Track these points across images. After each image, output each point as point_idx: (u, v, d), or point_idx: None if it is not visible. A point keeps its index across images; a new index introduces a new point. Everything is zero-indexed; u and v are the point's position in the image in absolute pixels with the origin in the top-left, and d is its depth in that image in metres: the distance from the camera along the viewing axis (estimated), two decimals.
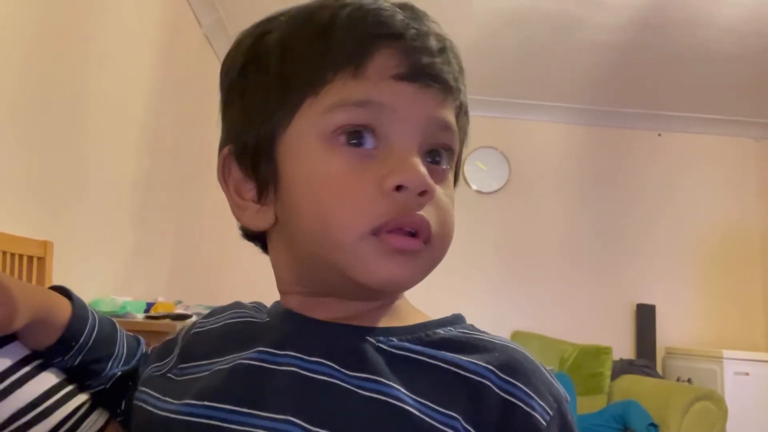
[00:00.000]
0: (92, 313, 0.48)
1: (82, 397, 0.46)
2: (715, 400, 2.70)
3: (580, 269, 3.53)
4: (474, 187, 3.63)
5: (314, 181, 0.40)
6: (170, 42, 2.72)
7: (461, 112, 0.45)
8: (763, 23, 2.71)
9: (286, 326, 0.43)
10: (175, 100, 2.84)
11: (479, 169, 3.61)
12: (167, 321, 1.81)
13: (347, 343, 0.40)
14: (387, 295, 0.43)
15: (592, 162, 3.76)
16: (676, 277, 3.60)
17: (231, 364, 0.42)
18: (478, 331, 0.42)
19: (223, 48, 3.33)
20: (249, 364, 0.41)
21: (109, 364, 0.48)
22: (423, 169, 0.39)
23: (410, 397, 0.36)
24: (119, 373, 0.49)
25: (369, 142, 0.40)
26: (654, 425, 2.65)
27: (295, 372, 0.39)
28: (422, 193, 0.39)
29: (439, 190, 0.41)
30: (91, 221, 1.94)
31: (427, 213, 0.40)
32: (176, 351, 0.49)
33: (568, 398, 0.39)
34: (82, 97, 1.87)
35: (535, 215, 3.63)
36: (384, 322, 0.42)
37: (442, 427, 0.35)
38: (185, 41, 2.97)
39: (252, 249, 0.49)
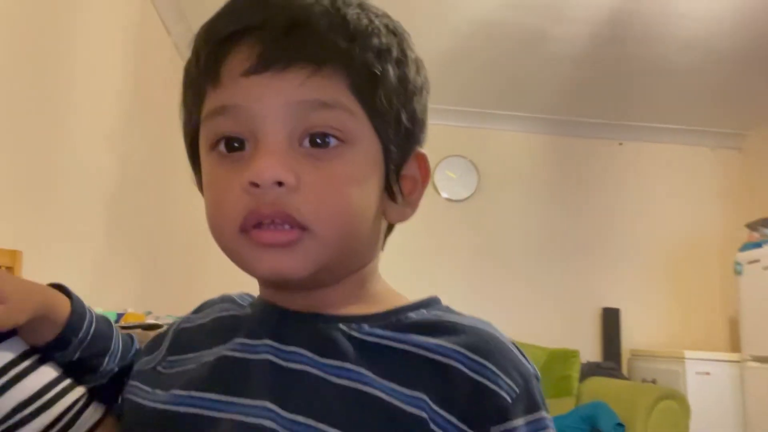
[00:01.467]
0: (89, 310, 0.49)
1: (80, 391, 0.47)
2: (678, 399, 2.79)
3: (548, 275, 3.61)
4: (444, 195, 3.69)
5: (205, 187, 0.44)
6: (139, 51, 2.70)
7: (365, 73, 0.41)
8: (716, 39, 2.84)
9: (263, 317, 0.45)
10: (145, 109, 2.82)
11: (449, 178, 3.67)
12: (139, 330, 1.79)
13: (320, 332, 0.42)
14: (311, 283, 0.43)
15: (557, 170, 3.86)
16: (639, 281, 3.71)
17: (215, 356, 0.44)
18: (452, 312, 0.44)
19: None
20: (230, 355, 0.43)
21: (106, 360, 0.50)
22: (266, 162, 0.39)
23: (379, 382, 0.38)
24: (116, 368, 0.51)
25: (244, 145, 0.41)
26: (621, 425, 2.72)
27: (271, 361, 0.41)
28: (279, 184, 0.39)
29: (319, 172, 0.40)
30: (61, 231, 1.91)
31: (295, 199, 0.39)
32: (165, 345, 0.50)
33: (538, 376, 0.41)
34: (52, 105, 1.85)
35: (504, 222, 3.70)
36: (357, 309, 0.44)
37: (409, 408, 0.37)
38: (155, 50, 2.95)
39: (220, 259, 0.50)
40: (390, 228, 0.50)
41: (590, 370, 3.30)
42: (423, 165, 0.47)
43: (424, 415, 0.37)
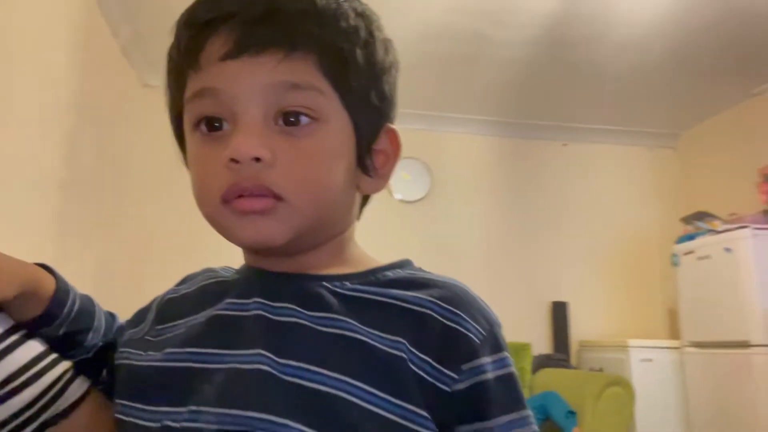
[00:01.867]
0: (72, 287, 0.51)
1: (66, 364, 0.49)
2: (623, 385, 2.93)
3: (499, 272, 3.71)
4: (398, 196, 3.75)
5: (190, 164, 0.47)
6: (85, 53, 2.64)
7: (335, 55, 0.45)
8: (652, 41, 3.01)
9: (252, 279, 0.49)
10: (92, 111, 2.76)
11: (403, 179, 3.73)
12: None
13: (306, 288, 0.46)
14: (292, 249, 0.46)
15: (506, 171, 3.99)
16: (585, 275, 3.87)
17: (206, 317, 0.47)
18: (424, 271, 0.49)
19: (141, 60, 3.29)
20: (222, 314, 0.46)
21: (90, 335, 0.51)
22: (243, 140, 0.42)
23: (363, 329, 0.42)
24: (100, 343, 0.52)
25: (223, 124, 0.44)
26: (572, 412, 2.83)
27: (263, 315, 0.45)
28: (255, 159, 0.42)
29: (293, 148, 0.44)
30: (8, 234, 1.86)
31: (271, 173, 0.43)
32: (150, 317, 0.53)
33: (500, 324, 0.47)
34: None
35: (456, 221, 3.79)
36: (338, 270, 0.48)
37: (390, 350, 0.41)
38: (101, 53, 2.89)
39: (175, 261, 0.53)
40: (365, 199, 0.54)
41: (542, 362, 3.42)
42: (394, 140, 0.52)
43: (403, 355, 0.41)
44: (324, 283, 0.46)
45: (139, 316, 0.54)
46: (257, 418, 0.40)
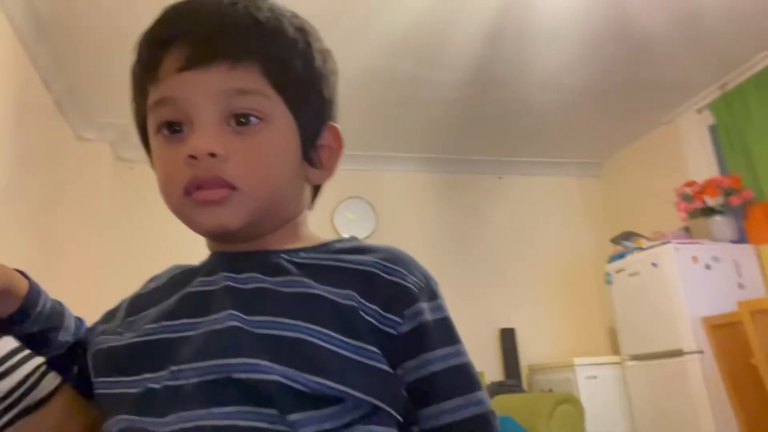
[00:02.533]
0: (43, 289, 0.55)
1: (40, 359, 0.52)
2: (573, 402, 3.03)
3: (448, 303, 3.79)
4: (345, 236, 3.81)
5: (155, 164, 0.54)
6: (19, 107, 2.61)
7: (276, 64, 0.51)
8: (567, 79, 3.28)
9: (218, 260, 0.54)
10: (27, 164, 2.70)
11: (348, 220, 3.81)
12: None
13: (267, 260, 0.52)
14: (252, 232, 0.53)
15: (447, 205, 4.14)
16: (529, 301, 4.03)
17: (178, 296, 0.52)
18: (367, 243, 0.56)
19: (75, 113, 3.26)
20: (193, 290, 0.52)
21: (61, 333, 0.55)
22: (199, 139, 0.49)
23: (319, 286, 0.49)
24: (71, 340, 0.56)
25: (183, 128, 0.51)
26: None
27: (230, 285, 0.50)
28: (211, 155, 0.49)
29: (244, 144, 0.50)
30: None
31: (225, 167, 0.49)
32: (121, 314, 0.57)
33: (436, 280, 0.54)
34: None
35: None
36: (292, 245, 0.55)
37: (343, 301, 0.48)
38: (35, 107, 2.86)
39: (113, 273, 0.59)
40: (317, 189, 0.61)
41: (494, 390, 3.49)
42: (336, 136, 0.59)
43: (355, 305, 0.48)
44: (282, 255, 0.53)
45: (109, 315, 0.58)
46: (233, 363, 0.45)
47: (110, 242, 3.33)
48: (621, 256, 3.43)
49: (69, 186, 3.27)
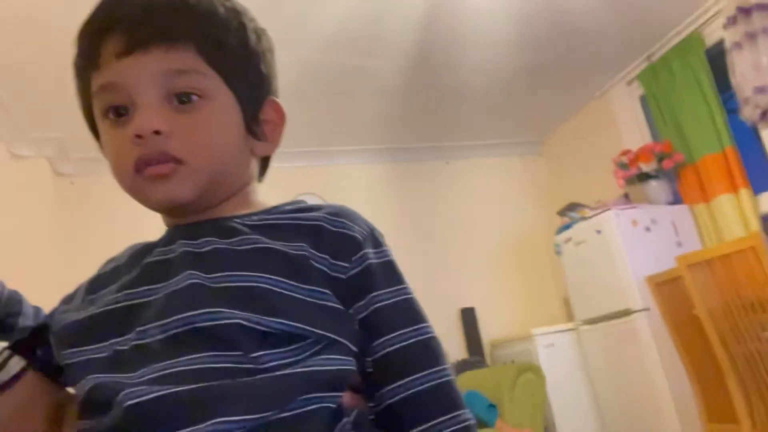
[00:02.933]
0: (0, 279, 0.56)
1: (2, 343, 0.53)
2: (534, 370, 3.15)
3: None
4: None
5: (105, 147, 0.56)
6: None
7: (211, 44, 0.54)
8: (500, 60, 3.38)
9: (174, 231, 0.57)
10: None
11: None
12: None
13: (221, 225, 0.55)
14: (202, 203, 0.56)
15: (398, 193, 4.21)
16: (486, 280, 4.14)
17: (139, 267, 0.54)
18: (314, 203, 0.60)
19: (8, 130, 3.14)
20: (152, 260, 0.54)
21: (20, 319, 0.56)
22: (143, 118, 0.52)
23: (271, 241, 0.52)
24: (32, 324, 0.57)
25: (127, 111, 0.54)
26: (492, 405, 3.00)
27: (188, 250, 0.53)
28: (156, 133, 0.52)
29: (186, 121, 0.53)
30: None
31: (170, 142, 0.52)
32: (80, 294, 0.58)
33: (379, 231, 0.58)
34: None
35: None
36: (244, 211, 0.58)
37: (295, 252, 0.52)
38: None
39: (57, 288, 0.62)
40: (265, 162, 0.65)
41: (459, 367, 3.58)
42: (278, 110, 0.62)
43: (306, 254, 0.52)
44: (235, 220, 0.56)
45: (68, 299, 0.59)
46: (195, 314, 0.47)
47: (53, 258, 3.23)
48: (568, 227, 3.57)
49: (6, 205, 3.15)
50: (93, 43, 0.53)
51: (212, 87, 0.54)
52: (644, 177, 3.42)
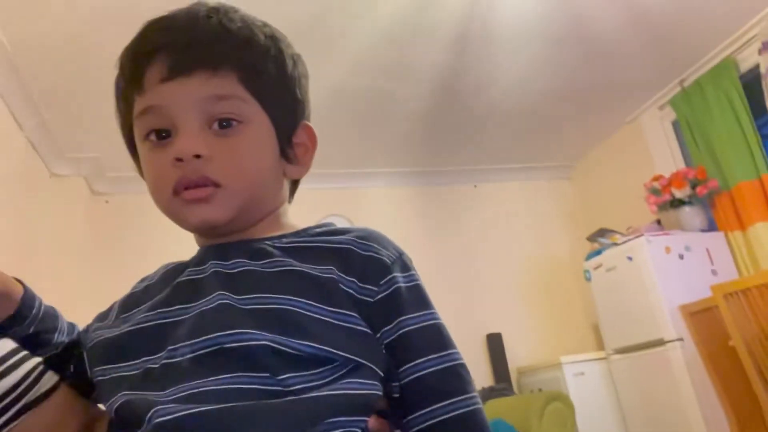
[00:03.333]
0: (36, 294, 0.57)
1: (37, 359, 0.54)
2: (562, 399, 3.07)
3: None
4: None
5: (144, 168, 0.58)
6: None
7: (251, 70, 0.56)
8: (530, 84, 3.38)
9: (206, 251, 0.58)
10: (0, 202, 2.69)
11: None
12: None
13: (252, 247, 0.56)
14: (235, 226, 0.57)
15: (425, 216, 4.20)
16: (513, 305, 4.08)
17: (171, 287, 0.55)
18: (343, 226, 0.60)
19: (48, 150, 3.25)
20: (184, 280, 0.55)
21: (56, 335, 0.58)
22: (184, 142, 0.53)
23: (300, 264, 0.53)
24: (66, 340, 0.58)
25: (168, 133, 0.55)
26: None
27: (218, 271, 0.54)
28: (196, 157, 0.53)
29: (225, 145, 0.54)
30: None
31: (210, 166, 0.53)
32: (114, 313, 0.59)
33: (408, 256, 0.58)
34: None
35: None
36: (274, 233, 0.59)
37: (323, 274, 0.52)
38: (7, 146, 2.85)
39: (90, 306, 0.63)
40: (295, 183, 0.66)
41: (485, 395, 3.51)
42: (310, 134, 0.64)
43: (334, 277, 0.52)
44: (266, 242, 0.57)
45: (102, 316, 0.61)
46: (224, 335, 0.48)
47: (87, 275, 3.31)
48: (598, 252, 3.50)
49: (44, 222, 3.25)
50: (137, 67, 0.55)
51: (250, 112, 0.56)
52: (677, 203, 3.35)
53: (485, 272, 4.13)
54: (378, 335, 0.52)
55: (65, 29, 2.51)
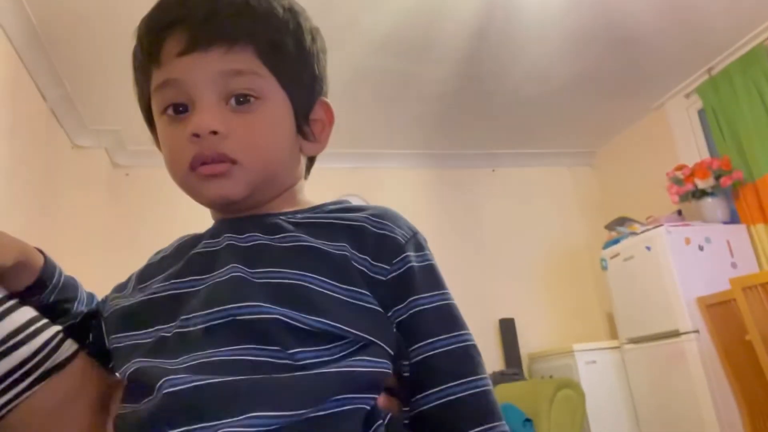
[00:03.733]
0: (57, 263, 0.58)
1: (57, 327, 0.55)
2: (573, 387, 3.06)
3: None
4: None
5: (161, 142, 0.58)
6: (14, 116, 2.64)
7: (269, 45, 0.55)
8: (553, 69, 3.32)
9: (221, 225, 0.58)
10: (22, 173, 2.73)
11: None
12: None
13: (267, 221, 0.56)
14: (251, 201, 0.57)
15: (442, 199, 4.18)
16: (527, 291, 4.06)
17: (185, 258, 0.56)
18: (357, 203, 0.60)
19: (71, 122, 3.29)
20: (198, 251, 0.56)
21: (75, 304, 0.59)
22: (201, 117, 0.53)
23: (314, 240, 0.53)
24: (85, 310, 0.59)
25: (186, 108, 0.55)
26: (528, 420, 2.93)
27: (233, 244, 0.54)
28: (212, 133, 0.53)
29: (242, 122, 0.54)
30: None
31: (226, 143, 0.53)
32: (131, 284, 0.60)
33: (423, 235, 0.58)
34: None
35: None
36: (290, 208, 0.59)
37: (336, 251, 0.52)
38: (30, 115, 2.89)
39: (110, 278, 0.64)
40: (311, 160, 0.66)
41: (496, 379, 3.52)
42: (327, 110, 0.63)
43: (347, 254, 0.52)
44: (280, 217, 0.57)
45: (120, 287, 0.62)
46: (236, 306, 0.48)
47: (107, 248, 3.36)
48: (615, 241, 3.46)
49: (65, 193, 3.30)
50: (155, 40, 0.55)
51: (268, 88, 0.55)
52: (700, 194, 3.29)
53: (500, 256, 4.11)
54: (389, 314, 0.52)
55: (90, 5, 2.52)
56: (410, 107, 3.60)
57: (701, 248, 3.08)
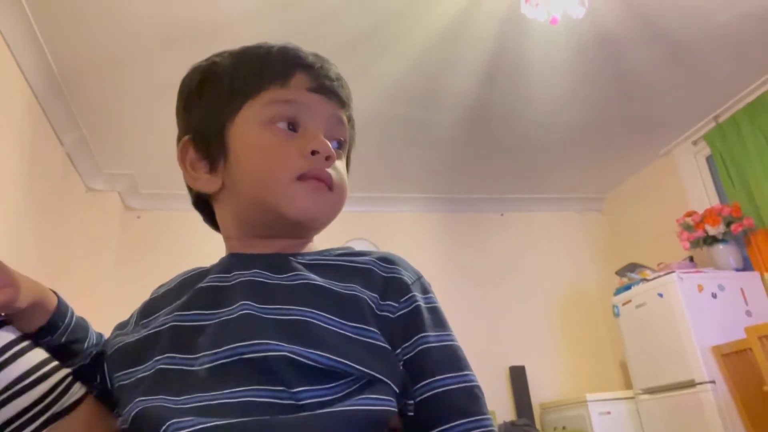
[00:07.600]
0: (68, 304, 0.59)
1: (66, 370, 0.55)
2: None
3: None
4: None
5: (258, 149, 0.60)
6: (32, 160, 2.70)
7: (350, 120, 0.67)
8: (562, 116, 3.36)
9: (230, 260, 0.59)
10: (36, 215, 2.77)
11: None
12: None
13: (277, 260, 0.57)
14: (304, 230, 0.61)
15: (451, 243, 4.17)
16: (537, 337, 3.99)
17: (191, 292, 0.56)
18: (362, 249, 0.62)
19: (86, 165, 3.36)
20: (206, 285, 0.56)
21: (86, 344, 0.59)
22: (325, 143, 0.60)
23: (323, 280, 0.54)
24: (94, 351, 0.59)
25: (293, 126, 0.61)
26: None
27: (242, 280, 0.55)
28: (327, 158, 0.59)
29: (339, 161, 0.62)
30: None
31: (333, 172, 0.60)
32: (133, 320, 0.61)
33: (426, 280, 0.59)
34: None
35: None
36: (299, 250, 0.61)
37: (347, 292, 0.54)
38: (47, 160, 2.95)
39: (120, 319, 0.65)
40: None
41: (507, 430, 3.42)
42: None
43: (356, 293, 0.53)
44: (290, 257, 0.58)
45: (122, 325, 0.62)
46: (244, 345, 0.49)
47: (118, 288, 3.37)
48: (627, 288, 3.42)
49: (78, 236, 3.33)
50: (289, 67, 0.62)
51: (347, 139, 0.66)
52: (711, 240, 3.26)
53: (510, 302, 4.06)
54: (397, 351, 0.53)
55: (108, 53, 2.61)
56: (419, 152, 3.64)
57: (714, 296, 3.04)
